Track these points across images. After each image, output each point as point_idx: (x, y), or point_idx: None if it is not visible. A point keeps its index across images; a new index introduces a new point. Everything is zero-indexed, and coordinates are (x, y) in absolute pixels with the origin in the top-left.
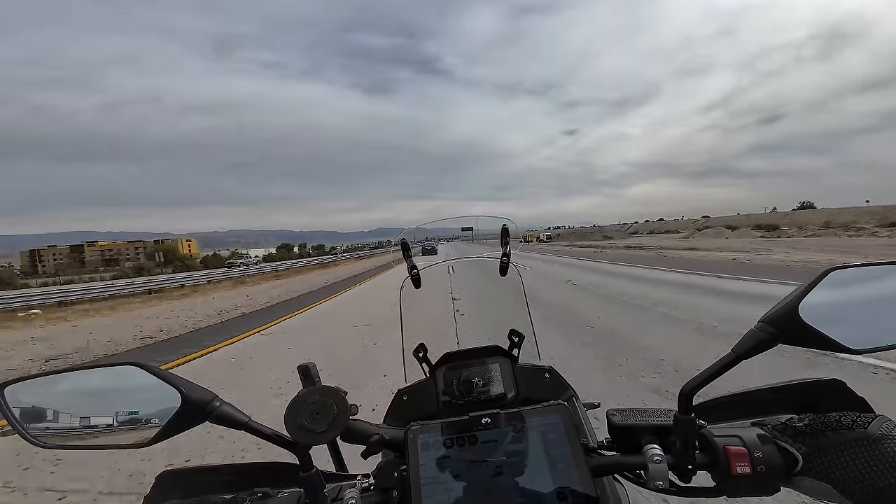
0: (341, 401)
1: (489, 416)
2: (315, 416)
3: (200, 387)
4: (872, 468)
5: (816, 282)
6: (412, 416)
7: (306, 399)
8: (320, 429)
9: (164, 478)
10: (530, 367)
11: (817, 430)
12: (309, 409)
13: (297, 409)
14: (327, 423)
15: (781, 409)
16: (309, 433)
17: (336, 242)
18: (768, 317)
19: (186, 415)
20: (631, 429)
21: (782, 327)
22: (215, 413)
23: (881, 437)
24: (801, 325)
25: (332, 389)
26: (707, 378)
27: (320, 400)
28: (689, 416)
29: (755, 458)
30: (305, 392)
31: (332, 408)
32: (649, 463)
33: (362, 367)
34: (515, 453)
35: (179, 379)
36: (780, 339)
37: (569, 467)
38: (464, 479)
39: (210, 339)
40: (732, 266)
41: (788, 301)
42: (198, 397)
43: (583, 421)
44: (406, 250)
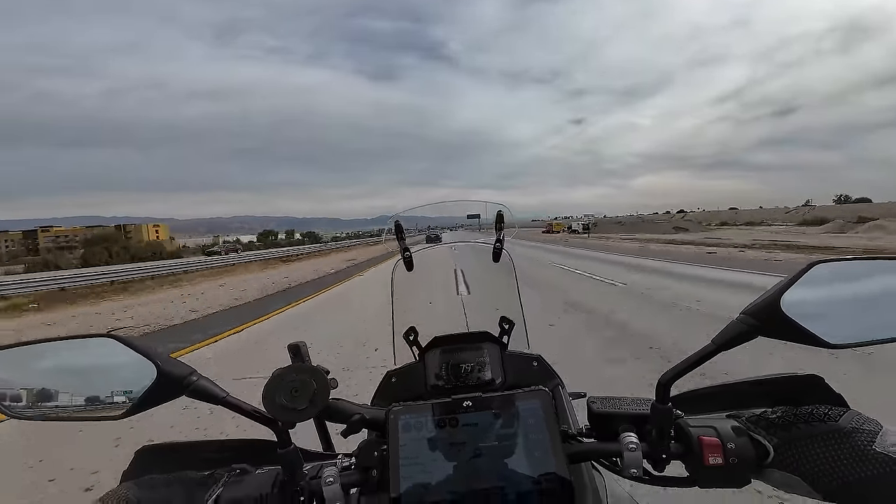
0: (321, 379)
1: (471, 400)
2: (294, 393)
3: (177, 360)
4: (841, 461)
5: (800, 275)
6: (399, 397)
7: (285, 377)
8: (299, 407)
9: (143, 453)
10: (519, 355)
11: (790, 422)
12: (287, 386)
13: (275, 386)
14: (306, 401)
15: (760, 402)
16: (287, 411)
17: (339, 229)
18: (750, 308)
19: (162, 388)
20: (609, 416)
21: (763, 320)
22: (192, 387)
23: (852, 431)
24: (783, 318)
25: (312, 368)
26: (685, 368)
27: (299, 378)
28: (666, 405)
29: (728, 449)
30: (284, 370)
31: (311, 385)
32: (624, 450)
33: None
34: (495, 437)
35: (156, 352)
36: (761, 332)
37: (545, 452)
38: (443, 460)
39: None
40: None
41: (771, 293)
42: (174, 371)
43: (566, 408)
44: (399, 232)
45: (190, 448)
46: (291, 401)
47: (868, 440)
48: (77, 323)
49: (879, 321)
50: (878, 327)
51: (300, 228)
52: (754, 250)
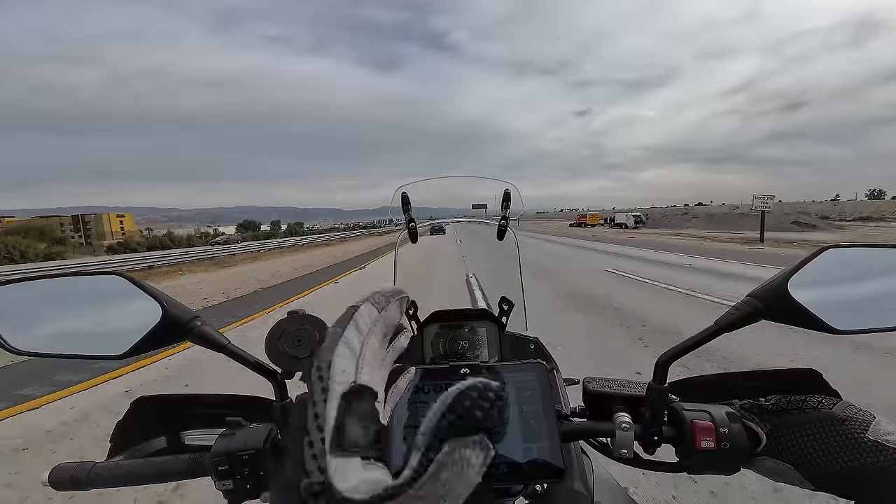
0: (323, 328)
1: (468, 367)
2: (297, 342)
3: (182, 305)
4: (834, 449)
5: (810, 259)
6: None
7: (288, 326)
8: (302, 355)
9: (140, 403)
10: (516, 336)
11: (783, 409)
12: (291, 336)
13: (278, 335)
14: (308, 350)
15: (755, 394)
16: (290, 359)
17: (340, 220)
18: (756, 291)
19: (165, 330)
20: (604, 396)
21: (769, 303)
22: (195, 332)
23: (844, 419)
24: (789, 301)
25: (315, 318)
26: (685, 349)
27: (302, 327)
28: (663, 385)
29: (721, 434)
30: (287, 319)
31: (314, 335)
32: (617, 430)
33: None
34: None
35: (162, 294)
36: (765, 315)
37: (539, 426)
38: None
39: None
40: None
41: (779, 276)
42: (179, 313)
43: (560, 391)
44: (405, 203)
45: (186, 401)
46: (293, 349)
47: (861, 429)
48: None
49: (887, 309)
50: (886, 315)
51: (301, 219)
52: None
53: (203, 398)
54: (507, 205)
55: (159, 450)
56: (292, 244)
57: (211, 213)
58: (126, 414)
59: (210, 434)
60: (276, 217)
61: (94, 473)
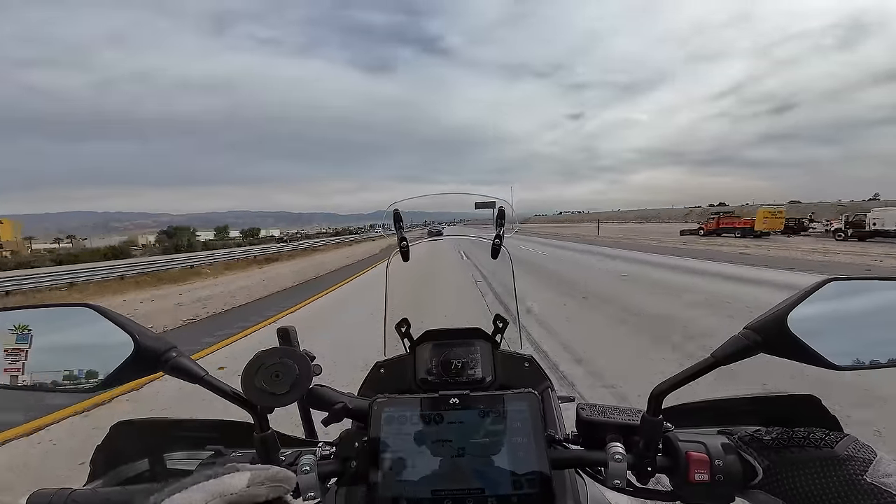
0: (304, 363)
1: (458, 397)
2: (275, 378)
3: (157, 335)
4: (830, 490)
5: (811, 291)
6: (387, 389)
7: (266, 360)
8: (279, 391)
9: (119, 428)
10: (511, 354)
11: (783, 444)
12: (269, 370)
13: (255, 369)
14: (287, 386)
15: (752, 420)
16: (266, 395)
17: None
18: (755, 324)
19: (139, 363)
20: (597, 424)
21: (767, 336)
22: (170, 364)
23: (847, 458)
24: (788, 335)
25: (296, 351)
26: (680, 381)
27: (281, 361)
28: (657, 418)
29: (715, 466)
30: (265, 352)
31: (293, 370)
32: (610, 460)
33: None
34: (480, 436)
35: (134, 325)
36: (763, 348)
37: (529, 456)
38: (425, 456)
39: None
40: None
41: (778, 309)
42: (152, 345)
43: (554, 413)
44: (398, 221)
45: (167, 426)
46: (271, 385)
47: (860, 469)
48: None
49: (889, 344)
50: (888, 350)
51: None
52: None
53: (184, 423)
54: (501, 222)
55: (140, 473)
56: (228, 257)
57: (203, 218)
58: (106, 438)
59: (192, 458)
60: (271, 221)
61: (71, 500)
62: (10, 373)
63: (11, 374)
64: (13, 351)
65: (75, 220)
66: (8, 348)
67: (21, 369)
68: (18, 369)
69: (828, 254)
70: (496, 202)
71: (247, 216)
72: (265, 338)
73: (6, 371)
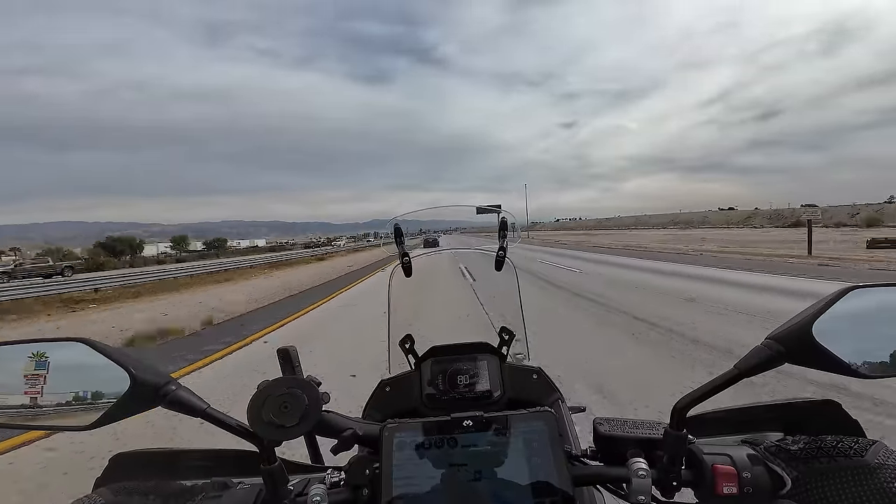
0: (313, 392)
1: (471, 419)
2: (283, 409)
3: (154, 368)
4: (864, 499)
5: (834, 300)
6: (393, 408)
7: (273, 391)
8: (289, 423)
9: (119, 460)
10: (518, 367)
11: (812, 454)
12: (276, 401)
13: (262, 402)
14: (297, 417)
15: (773, 427)
16: (276, 429)
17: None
18: (778, 334)
19: (136, 398)
20: (617, 439)
21: (792, 346)
22: (169, 397)
23: (878, 467)
24: (813, 344)
25: (303, 380)
26: (704, 394)
27: (289, 392)
28: (681, 432)
29: (743, 478)
30: (272, 383)
31: (302, 400)
32: (633, 477)
33: None
34: (496, 458)
35: (130, 359)
36: (788, 359)
37: (550, 476)
38: (439, 481)
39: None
40: None
41: (802, 318)
42: (149, 379)
43: (567, 427)
44: (398, 236)
45: (168, 457)
46: (280, 417)
47: (892, 477)
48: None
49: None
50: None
51: (290, 232)
52: None
53: (186, 453)
54: (504, 234)
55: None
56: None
57: (195, 228)
58: (104, 470)
59: (196, 490)
60: (265, 230)
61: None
62: (3, 413)
63: (5, 414)
64: (8, 387)
65: (63, 231)
66: (2, 384)
67: (13, 407)
68: (10, 407)
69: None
70: (500, 212)
71: (240, 226)
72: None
73: (1, 408)
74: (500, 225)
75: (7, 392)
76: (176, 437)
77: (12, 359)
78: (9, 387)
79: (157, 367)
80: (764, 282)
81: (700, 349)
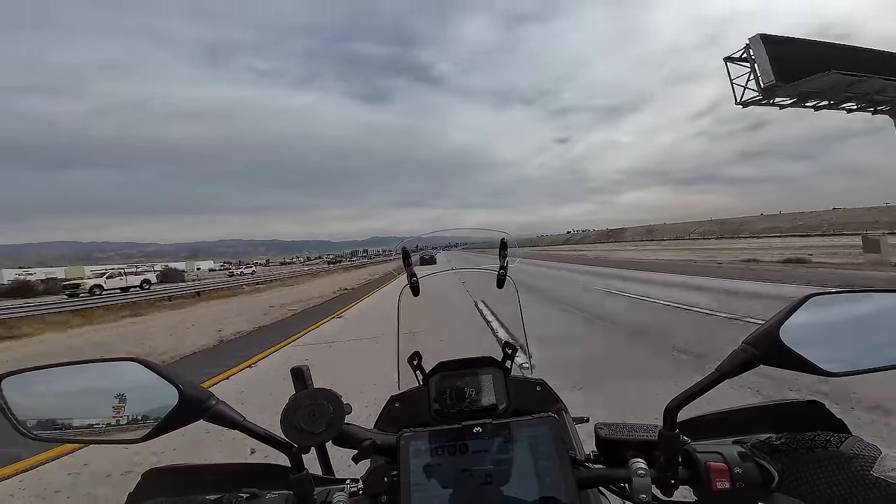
0: (337, 402)
1: (480, 426)
2: (312, 417)
3: (198, 385)
4: (842, 486)
5: (797, 306)
6: (403, 422)
7: (303, 401)
8: (317, 430)
9: (150, 475)
10: (522, 380)
11: (793, 448)
12: (306, 410)
13: (294, 410)
14: (323, 424)
15: (762, 428)
16: (306, 435)
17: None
18: (751, 338)
19: (183, 412)
20: (617, 443)
21: (764, 349)
22: (211, 411)
23: (852, 457)
24: (782, 347)
25: (329, 392)
26: (691, 396)
27: (317, 402)
28: (674, 432)
29: (735, 474)
30: (302, 394)
31: (328, 409)
32: (633, 476)
33: None
34: (504, 463)
35: (178, 376)
36: (762, 361)
37: (555, 479)
38: (452, 486)
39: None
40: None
41: (770, 324)
42: (195, 395)
43: (571, 434)
44: (406, 258)
45: (198, 471)
46: (309, 424)
47: (867, 465)
48: None
49: (874, 350)
50: (873, 356)
51: (289, 251)
52: None
53: (216, 467)
54: (504, 253)
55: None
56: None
57: (192, 248)
58: (137, 486)
59: (227, 502)
60: (262, 250)
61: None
62: (61, 426)
63: (63, 428)
64: (63, 405)
65: (56, 251)
66: (57, 403)
67: (71, 423)
68: (69, 422)
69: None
70: (500, 235)
71: (238, 244)
72: None
73: (57, 424)
74: (500, 245)
75: (66, 409)
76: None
77: (72, 378)
78: (68, 404)
79: (200, 385)
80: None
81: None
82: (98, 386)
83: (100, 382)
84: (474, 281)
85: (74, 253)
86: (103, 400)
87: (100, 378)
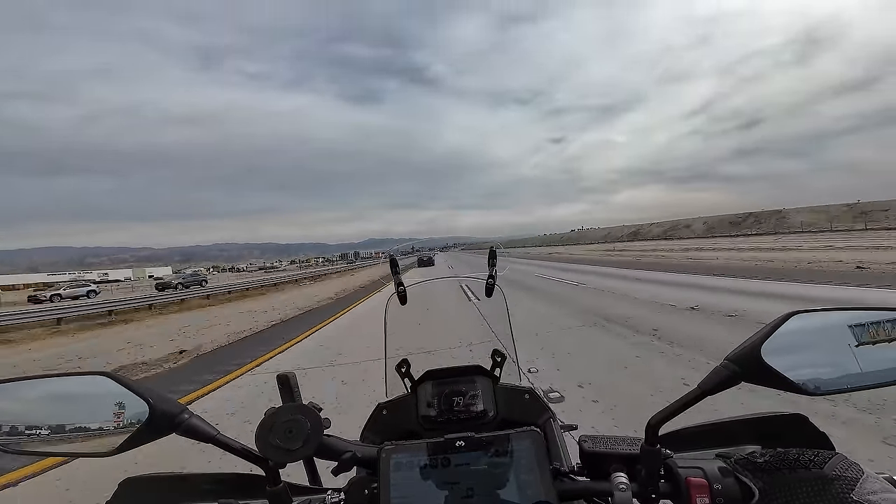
0: (315, 417)
1: (463, 440)
2: (288, 433)
3: (170, 398)
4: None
5: (779, 324)
6: (390, 430)
7: (279, 417)
8: (293, 447)
9: (127, 485)
10: (511, 388)
11: (776, 466)
12: (282, 427)
13: (269, 427)
14: (300, 440)
15: (746, 440)
16: (282, 452)
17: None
18: (733, 355)
19: (153, 426)
20: (600, 456)
21: (745, 366)
22: (184, 426)
23: (834, 479)
24: (763, 365)
25: (306, 407)
26: (673, 411)
27: (293, 417)
28: (655, 447)
29: (715, 490)
30: (277, 410)
31: (305, 425)
32: (615, 490)
33: None
34: (487, 476)
35: (148, 390)
36: (743, 378)
37: (536, 491)
38: (434, 500)
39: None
40: None
41: (752, 341)
42: (166, 409)
43: (558, 444)
44: (394, 266)
45: (177, 481)
46: (285, 441)
47: (848, 488)
48: None
49: (855, 369)
50: (854, 375)
51: (283, 255)
52: None
53: (194, 477)
54: (493, 262)
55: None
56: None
57: (186, 252)
58: (114, 495)
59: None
60: (257, 253)
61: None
62: (30, 439)
63: (32, 441)
64: (32, 419)
65: (49, 256)
66: (26, 416)
67: (40, 436)
68: (38, 436)
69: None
70: (490, 245)
71: (232, 248)
72: None
73: (26, 437)
74: (489, 255)
75: (32, 422)
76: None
77: (37, 392)
78: (37, 417)
79: (173, 398)
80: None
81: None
82: (67, 399)
83: (71, 396)
84: (474, 284)
85: (67, 258)
86: (73, 413)
87: (69, 392)
